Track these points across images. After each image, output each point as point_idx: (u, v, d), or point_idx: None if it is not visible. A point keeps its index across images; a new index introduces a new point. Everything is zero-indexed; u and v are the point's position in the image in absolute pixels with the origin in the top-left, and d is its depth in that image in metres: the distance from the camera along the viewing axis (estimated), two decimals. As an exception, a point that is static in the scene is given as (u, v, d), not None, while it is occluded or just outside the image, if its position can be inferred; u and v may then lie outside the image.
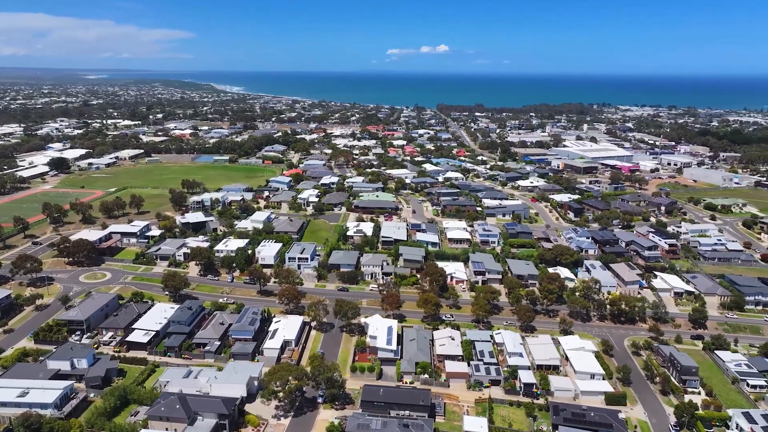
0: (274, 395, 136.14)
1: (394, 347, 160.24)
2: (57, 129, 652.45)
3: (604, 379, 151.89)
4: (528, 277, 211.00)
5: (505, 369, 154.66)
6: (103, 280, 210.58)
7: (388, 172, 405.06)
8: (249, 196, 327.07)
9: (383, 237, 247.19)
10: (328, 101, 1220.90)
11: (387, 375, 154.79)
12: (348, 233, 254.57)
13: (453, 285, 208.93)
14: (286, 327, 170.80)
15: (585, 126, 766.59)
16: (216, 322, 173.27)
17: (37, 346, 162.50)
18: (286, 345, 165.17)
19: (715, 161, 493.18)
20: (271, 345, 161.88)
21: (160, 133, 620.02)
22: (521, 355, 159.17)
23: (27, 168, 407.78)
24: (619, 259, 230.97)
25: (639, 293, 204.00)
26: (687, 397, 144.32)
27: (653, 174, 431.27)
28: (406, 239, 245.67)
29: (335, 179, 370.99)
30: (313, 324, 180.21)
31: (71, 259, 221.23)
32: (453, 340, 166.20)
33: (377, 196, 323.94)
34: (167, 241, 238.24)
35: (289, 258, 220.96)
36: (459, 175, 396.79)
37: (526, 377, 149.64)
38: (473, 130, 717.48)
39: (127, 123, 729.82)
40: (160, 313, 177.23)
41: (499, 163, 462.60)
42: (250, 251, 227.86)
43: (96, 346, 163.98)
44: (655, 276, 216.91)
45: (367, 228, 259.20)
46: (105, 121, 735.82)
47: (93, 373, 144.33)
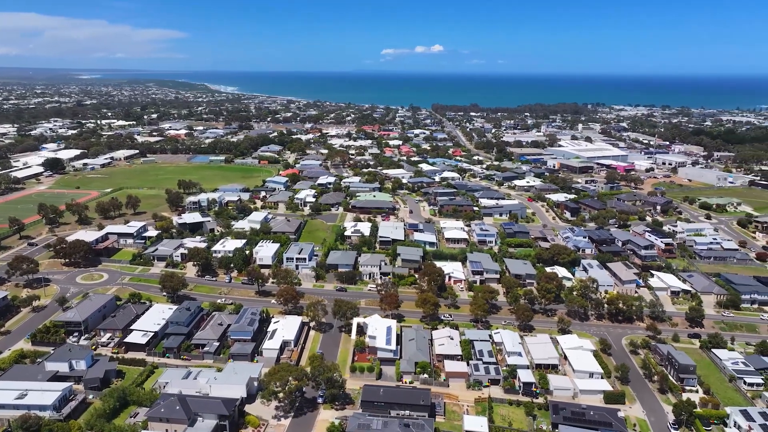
0: (274, 396, 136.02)
1: (393, 347, 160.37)
2: (51, 129, 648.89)
3: (602, 378, 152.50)
4: (526, 277, 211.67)
5: (504, 368, 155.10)
6: (100, 281, 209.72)
7: (384, 172, 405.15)
8: (246, 196, 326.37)
9: (381, 237, 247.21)
10: (323, 101, 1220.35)
11: (386, 375, 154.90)
12: (345, 233, 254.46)
13: (451, 285, 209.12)
14: (285, 327, 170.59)
15: (580, 126, 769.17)
16: (215, 322, 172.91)
17: (35, 347, 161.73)
18: (285, 345, 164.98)
19: (710, 161, 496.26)
20: (271, 345, 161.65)
21: (155, 134, 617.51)
22: (520, 355, 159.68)
23: (21, 168, 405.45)
24: (616, 259, 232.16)
25: (636, 292, 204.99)
26: (685, 396, 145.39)
27: (648, 173, 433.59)
28: (403, 239, 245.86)
29: (332, 179, 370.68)
30: (312, 324, 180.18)
31: (68, 260, 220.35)
32: (452, 339, 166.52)
33: (374, 196, 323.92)
34: (164, 242, 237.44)
35: (287, 258, 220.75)
36: (455, 175, 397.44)
37: (525, 376, 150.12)
38: (469, 130, 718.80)
39: (122, 123, 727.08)
40: (158, 314, 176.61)
41: (495, 163, 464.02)
42: (247, 252, 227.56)
43: (94, 347, 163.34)
44: (652, 275, 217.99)
45: (365, 228, 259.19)
46: (99, 122, 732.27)
47: (92, 375, 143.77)
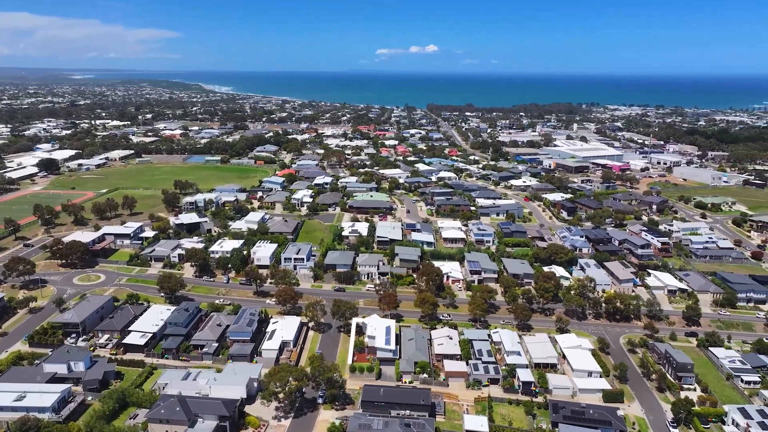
0: (274, 396, 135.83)
1: (392, 347, 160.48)
2: (44, 129, 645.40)
3: (601, 377, 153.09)
4: (523, 276, 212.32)
5: (504, 368, 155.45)
6: (98, 282, 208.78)
7: (381, 172, 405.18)
8: (242, 196, 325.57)
9: (379, 237, 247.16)
10: (318, 101, 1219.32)
11: (386, 375, 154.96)
12: (343, 233, 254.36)
13: (449, 284, 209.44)
14: (283, 328, 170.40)
15: (575, 125, 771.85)
16: (213, 323, 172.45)
17: (32, 349, 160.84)
18: (284, 346, 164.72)
19: (704, 160, 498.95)
20: (270, 346, 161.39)
21: (150, 134, 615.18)
22: (519, 354, 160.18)
23: (15, 169, 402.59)
24: (613, 258, 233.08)
25: (633, 291, 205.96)
26: (683, 394, 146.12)
27: (644, 173, 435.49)
28: (401, 239, 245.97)
29: (329, 179, 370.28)
30: (311, 324, 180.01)
31: (64, 261, 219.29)
32: (451, 339, 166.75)
33: (371, 196, 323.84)
34: (161, 243, 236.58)
35: (285, 259, 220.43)
36: (452, 175, 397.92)
37: (524, 376, 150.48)
38: (464, 129, 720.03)
39: (116, 123, 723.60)
40: (156, 315, 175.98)
41: (491, 163, 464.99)
42: (245, 252, 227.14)
43: (92, 348, 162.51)
44: (649, 274, 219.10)
45: (362, 228, 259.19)
46: (93, 122, 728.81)
47: (90, 376, 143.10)
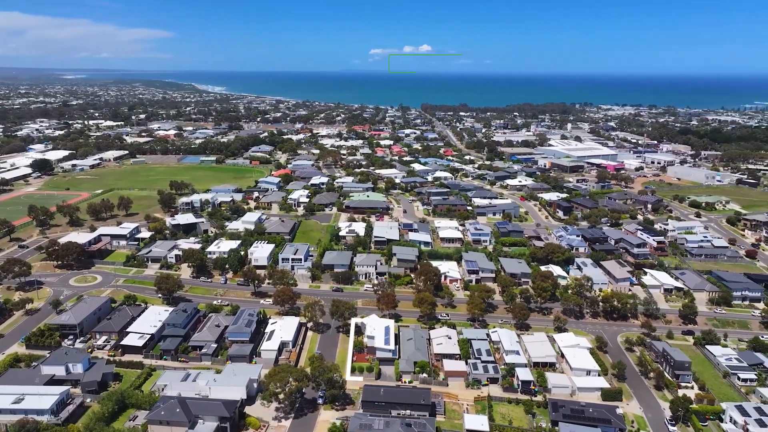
0: (274, 397, 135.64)
1: (392, 347, 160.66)
2: (37, 130, 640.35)
3: (599, 376, 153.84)
4: (521, 276, 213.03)
5: (503, 367, 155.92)
6: (94, 283, 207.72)
7: (377, 172, 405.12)
8: (238, 197, 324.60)
9: (376, 237, 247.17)
10: (312, 101, 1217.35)
11: (385, 375, 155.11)
12: (340, 233, 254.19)
13: (447, 284, 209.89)
14: (282, 328, 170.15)
15: (569, 125, 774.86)
16: (212, 324, 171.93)
17: (29, 351, 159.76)
18: (283, 346, 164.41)
19: (697, 159, 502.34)
20: (269, 346, 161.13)
21: (144, 134, 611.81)
22: (518, 353, 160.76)
23: (9, 170, 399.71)
24: (610, 257, 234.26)
25: (630, 290, 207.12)
26: (680, 392, 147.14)
27: (638, 172, 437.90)
28: (398, 239, 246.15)
29: (325, 179, 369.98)
30: (310, 325, 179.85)
31: (60, 263, 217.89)
32: (450, 339, 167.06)
33: (368, 196, 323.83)
34: (158, 243, 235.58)
35: (283, 259, 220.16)
36: (448, 175, 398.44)
37: (523, 375, 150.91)
38: (459, 129, 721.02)
39: (110, 124, 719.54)
40: (154, 316, 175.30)
41: (487, 163, 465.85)
42: (242, 252, 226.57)
43: (90, 350, 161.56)
44: (645, 273, 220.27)
45: (359, 228, 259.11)
46: (86, 122, 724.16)
47: (89, 378, 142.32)
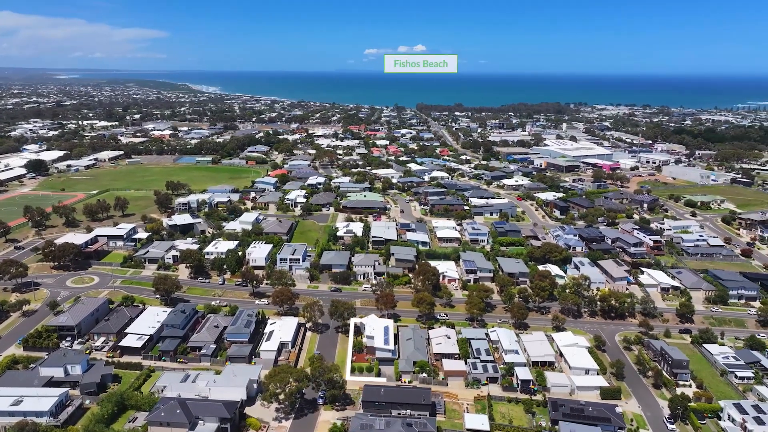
0: (274, 397, 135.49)
1: (391, 347, 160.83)
2: (31, 130, 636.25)
3: (598, 374, 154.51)
4: (519, 275, 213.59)
5: (502, 366, 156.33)
6: (91, 284, 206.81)
7: (373, 172, 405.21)
8: (235, 197, 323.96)
9: (374, 237, 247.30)
10: (307, 101, 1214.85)
11: (385, 375, 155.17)
12: (338, 234, 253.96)
13: (445, 284, 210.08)
14: (281, 329, 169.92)
15: (564, 125, 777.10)
16: (210, 324, 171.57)
17: (27, 353, 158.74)
18: (282, 347, 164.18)
19: (692, 159, 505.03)
20: (268, 347, 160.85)
21: (139, 134, 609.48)
22: (517, 352, 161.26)
23: (3, 171, 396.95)
24: (607, 256, 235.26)
25: (627, 289, 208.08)
26: (679, 390, 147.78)
27: (633, 172, 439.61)
28: (396, 239, 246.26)
29: (322, 180, 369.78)
30: (309, 325, 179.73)
31: (57, 264, 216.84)
32: (449, 338, 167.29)
33: (365, 196, 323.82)
34: (155, 244, 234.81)
35: (281, 259, 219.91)
36: (445, 175, 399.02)
37: (522, 374, 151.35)
38: (455, 129, 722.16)
39: (104, 124, 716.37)
40: (152, 317, 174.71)
41: (483, 162, 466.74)
42: (240, 253, 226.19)
43: (88, 351, 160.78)
44: (642, 272, 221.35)
45: (357, 228, 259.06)
46: (80, 122, 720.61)
47: (88, 380, 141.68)
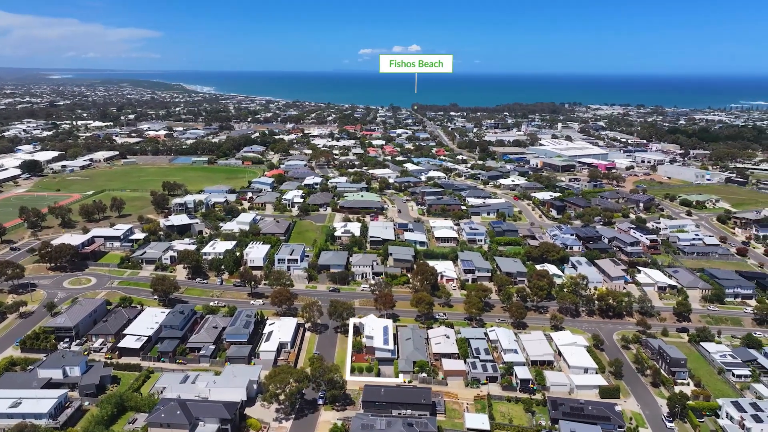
0: (274, 398, 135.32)
1: (391, 347, 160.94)
2: (24, 131, 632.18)
3: (597, 373, 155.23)
4: (517, 275, 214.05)
5: (501, 365, 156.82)
6: (88, 285, 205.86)
7: (370, 172, 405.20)
8: (232, 197, 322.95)
9: (371, 237, 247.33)
10: (302, 101, 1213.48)
11: (384, 374, 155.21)
12: (336, 234, 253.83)
13: (443, 284, 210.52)
14: (280, 329, 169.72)
15: (559, 125, 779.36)
16: (209, 325, 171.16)
17: (25, 354, 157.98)
18: (282, 347, 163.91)
19: (686, 158, 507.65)
20: (267, 348, 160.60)
21: (134, 135, 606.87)
22: (516, 352, 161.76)
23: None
24: (604, 256, 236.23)
25: (624, 288, 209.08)
26: (677, 389, 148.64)
27: (629, 171, 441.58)
28: (394, 239, 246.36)
29: (318, 180, 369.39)
30: (308, 325, 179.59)
31: (53, 265, 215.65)
32: (448, 338, 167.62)
33: (362, 196, 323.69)
34: (152, 245, 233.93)
35: (279, 260, 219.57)
36: (441, 175, 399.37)
37: (522, 373, 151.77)
38: (450, 129, 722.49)
39: (99, 124, 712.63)
40: (150, 318, 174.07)
41: (479, 162, 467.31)
42: (238, 253, 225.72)
43: (86, 353, 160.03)
44: (639, 271, 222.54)
45: (355, 228, 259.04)
46: (75, 122, 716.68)
47: (87, 381, 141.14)
